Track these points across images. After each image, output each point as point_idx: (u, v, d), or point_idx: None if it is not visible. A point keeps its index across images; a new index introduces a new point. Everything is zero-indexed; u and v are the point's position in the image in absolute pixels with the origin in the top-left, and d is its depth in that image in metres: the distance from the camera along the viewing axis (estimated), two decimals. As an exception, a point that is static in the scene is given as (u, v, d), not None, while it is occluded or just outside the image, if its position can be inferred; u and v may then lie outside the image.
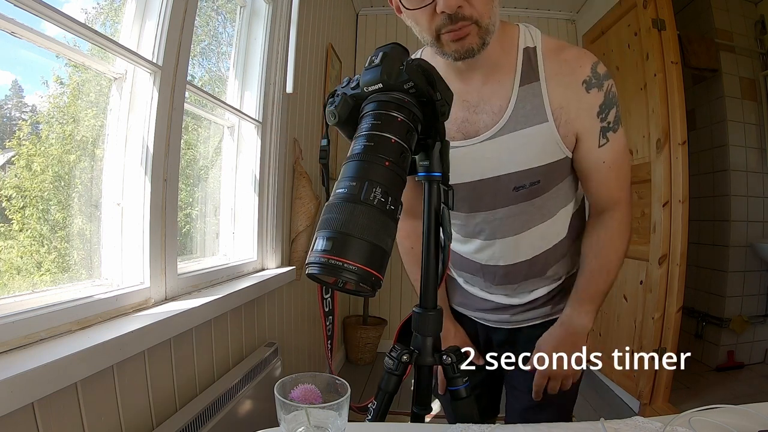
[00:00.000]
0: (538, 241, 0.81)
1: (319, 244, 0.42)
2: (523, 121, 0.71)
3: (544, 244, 0.82)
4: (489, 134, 0.73)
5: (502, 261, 0.83)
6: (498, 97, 0.72)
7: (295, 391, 0.47)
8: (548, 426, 0.59)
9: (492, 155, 0.73)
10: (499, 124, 0.72)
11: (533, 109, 0.71)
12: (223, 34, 1.60)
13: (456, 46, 0.65)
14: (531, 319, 0.88)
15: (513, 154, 0.72)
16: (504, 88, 0.72)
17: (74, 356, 0.68)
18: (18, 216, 0.83)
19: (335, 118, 0.56)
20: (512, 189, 0.75)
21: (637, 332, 2.24)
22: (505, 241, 0.80)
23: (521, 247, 0.81)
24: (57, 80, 0.91)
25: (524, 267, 0.83)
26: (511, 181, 0.74)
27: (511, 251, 0.81)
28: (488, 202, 0.77)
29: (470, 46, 0.65)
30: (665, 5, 2.10)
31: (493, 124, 0.72)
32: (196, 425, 0.98)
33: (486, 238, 0.82)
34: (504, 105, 0.72)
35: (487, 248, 0.83)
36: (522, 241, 0.80)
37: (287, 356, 1.79)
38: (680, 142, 2.05)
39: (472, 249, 0.85)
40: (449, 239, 0.57)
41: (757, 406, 0.60)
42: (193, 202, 1.42)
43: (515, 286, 0.85)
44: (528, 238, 0.80)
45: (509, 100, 0.72)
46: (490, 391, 1.00)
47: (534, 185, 0.74)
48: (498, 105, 0.72)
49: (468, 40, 0.65)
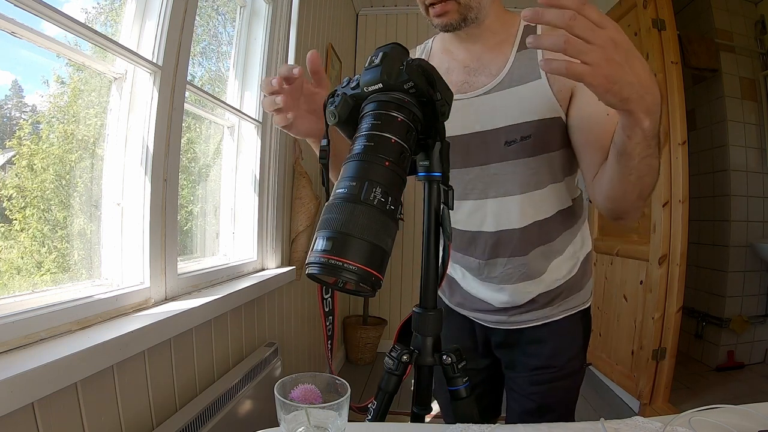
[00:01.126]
0: (528, 208, 0.81)
1: (319, 244, 0.42)
2: (517, 79, 0.76)
3: (533, 214, 0.82)
4: (484, 90, 0.78)
5: (492, 226, 0.83)
6: (496, 63, 0.79)
7: (295, 391, 0.47)
8: (548, 426, 0.59)
9: (486, 109, 0.78)
10: (494, 82, 0.78)
11: (528, 69, 0.76)
12: (223, 34, 1.60)
13: (438, 20, 0.74)
14: (530, 321, 0.87)
15: (506, 109, 0.77)
16: (503, 54, 0.79)
17: (74, 356, 0.68)
18: (19, 216, 0.83)
19: (335, 118, 0.56)
20: (504, 143, 0.78)
21: (637, 332, 2.24)
22: (496, 201, 0.81)
23: (512, 210, 0.81)
24: (57, 80, 0.92)
25: (515, 236, 0.82)
26: (503, 134, 0.77)
27: (502, 214, 0.82)
28: (481, 156, 0.80)
29: (449, 21, 0.74)
30: (665, 5, 2.10)
31: (489, 82, 0.78)
32: (196, 425, 0.98)
33: (477, 197, 0.83)
34: (501, 66, 0.78)
35: (478, 210, 0.83)
36: (513, 204, 0.81)
37: (287, 356, 1.79)
38: (680, 142, 2.05)
39: (465, 213, 0.85)
40: (449, 239, 0.57)
41: (757, 406, 0.60)
42: (193, 200, 1.43)
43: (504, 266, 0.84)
44: (519, 202, 0.81)
45: (506, 64, 0.78)
46: (491, 391, 1.00)
47: (525, 140, 0.77)
48: (496, 68, 0.78)
49: (447, 16, 0.73)
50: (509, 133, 0.77)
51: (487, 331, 0.93)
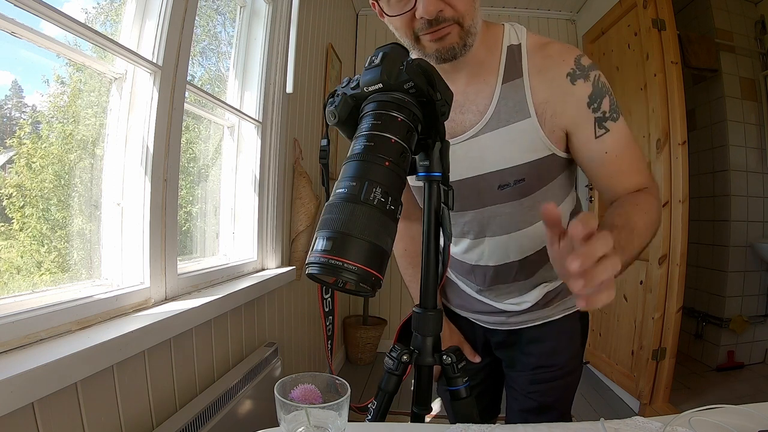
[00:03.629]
0: (527, 242, 0.80)
1: (319, 244, 0.42)
2: (505, 118, 0.71)
3: (534, 245, 0.80)
4: (472, 132, 0.73)
5: (492, 261, 0.82)
6: (482, 96, 0.72)
7: (295, 391, 0.47)
8: (548, 426, 0.59)
9: (476, 154, 0.73)
10: (481, 122, 0.72)
11: (516, 106, 0.70)
12: (223, 34, 1.60)
13: (437, 45, 0.65)
14: (529, 321, 0.87)
15: (496, 152, 0.72)
16: (488, 86, 0.72)
17: (74, 356, 0.68)
18: (18, 215, 0.83)
19: (335, 118, 0.56)
20: (497, 187, 0.74)
21: (637, 332, 2.24)
22: (494, 240, 0.80)
23: (510, 247, 0.80)
24: (57, 80, 0.92)
25: (514, 267, 0.82)
26: (495, 179, 0.74)
27: (501, 251, 0.81)
28: (474, 201, 0.77)
29: (451, 44, 0.65)
30: (665, 5, 2.10)
31: (477, 122, 0.72)
32: (196, 425, 0.98)
33: (474, 237, 0.81)
34: (487, 103, 0.72)
35: (476, 247, 0.82)
36: (511, 241, 0.79)
37: (287, 356, 1.79)
38: (680, 142, 2.05)
39: (462, 249, 0.84)
40: (449, 239, 0.57)
41: (757, 406, 0.60)
42: (193, 200, 1.42)
43: (506, 289, 0.84)
44: (517, 238, 0.79)
45: (492, 98, 0.71)
46: (490, 391, 1.00)
47: (519, 183, 0.73)
48: (482, 104, 0.72)
49: (448, 39, 0.64)
50: (502, 178, 0.73)
51: (486, 331, 0.93)
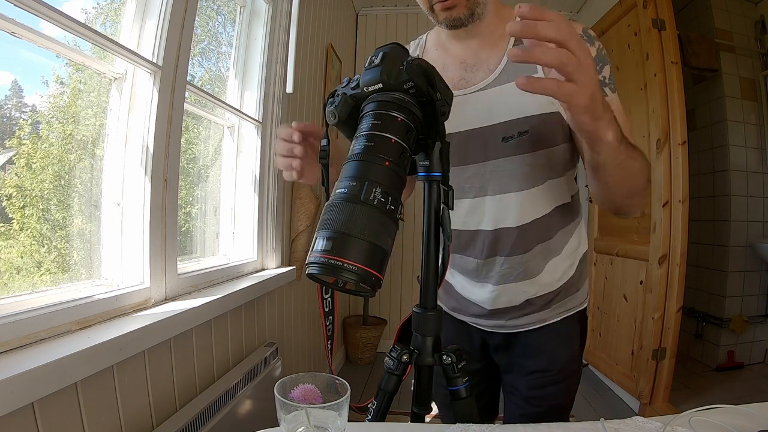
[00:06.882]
0: (526, 205, 0.81)
1: (319, 244, 0.42)
2: (514, 74, 0.75)
3: (531, 212, 0.82)
4: (482, 85, 0.78)
5: (491, 224, 0.83)
6: (494, 58, 0.79)
7: (295, 391, 0.47)
8: (548, 426, 0.59)
9: (483, 106, 0.78)
10: (491, 77, 0.78)
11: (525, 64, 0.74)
12: (223, 34, 1.60)
13: (445, 14, 0.73)
14: (527, 324, 0.87)
15: (503, 104, 0.77)
16: (500, 50, 0.79)
17: (74, 356, 0.68)
18: (18, 215, 0.83)
19: (335, 118, 0.56)
20: (501, 139, 0.78)
21: (637, 332, 2.24)
22: (494, 198, 0.81)
23: (509, 208, 0.81)
24: (57, 80, 0.92)
25: (513, 234, 0.82)
26: (500, 130, 0.77)
27: (500, 212, 0.82)
28: (479, 153, 0.80)
29: (458, 15, 0.73)
30: (665, 5, 2.10)
31: (486, 77, 0.78)
32: (196, 425, 0.98)
33: (475, 194, 0.83)
34: (498, 62, 0.78)
35: (476, 208, 0.83)
36: (510, 202, 0.81)
37: (287, 356, 1.79)
38: (680, 142, 2.05)
39: (463, 212, 0.85)
40: (449, 239, 0.57)
41: (757, 406, 0.60)
42: (192, 201, 1.42)
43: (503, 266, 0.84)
44: (516, 199, 0.81)
45: (503, 58, 0.78)
46: (488, 392, 1.00)
47: (522, 135, 0.77)
48: (493, 63, 0.78)
49: (456, 10, 0.73)
50: (507, 129, 0.77)
51: (483, 334, 0.92)
